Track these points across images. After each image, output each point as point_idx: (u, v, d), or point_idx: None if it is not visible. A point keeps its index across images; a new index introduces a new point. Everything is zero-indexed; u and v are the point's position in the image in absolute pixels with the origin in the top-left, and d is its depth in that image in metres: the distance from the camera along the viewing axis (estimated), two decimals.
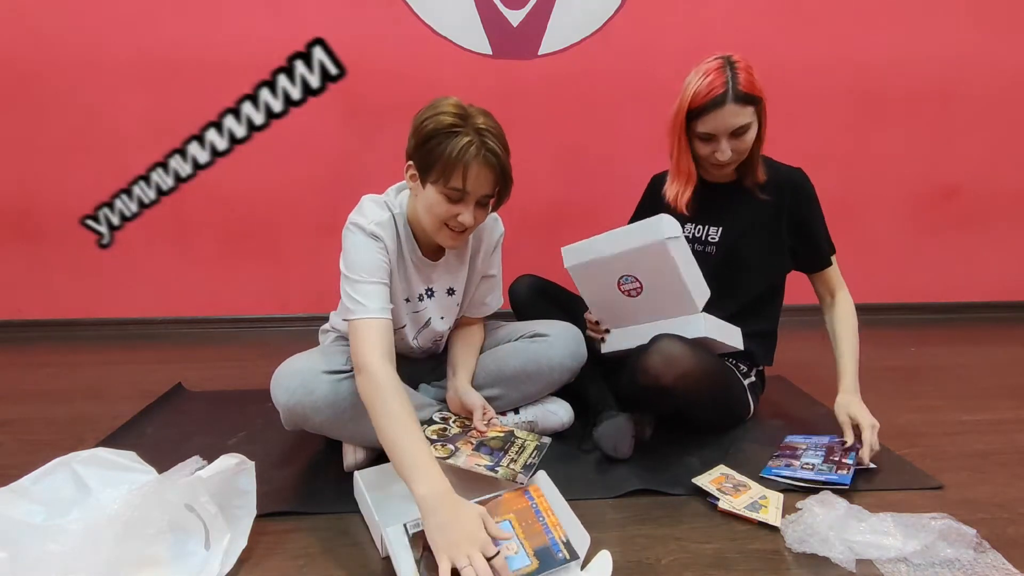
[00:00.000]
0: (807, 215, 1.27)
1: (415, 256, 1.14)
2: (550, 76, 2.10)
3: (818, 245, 1.29)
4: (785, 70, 2.15)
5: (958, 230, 2.36)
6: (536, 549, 0.85)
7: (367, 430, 1.07)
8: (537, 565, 0.83)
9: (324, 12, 2.00)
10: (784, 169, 1.29)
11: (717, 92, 1.13)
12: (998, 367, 1.80)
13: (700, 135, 1.19)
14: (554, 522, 0.90)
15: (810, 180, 1.28)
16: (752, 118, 1.16)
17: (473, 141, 0.97)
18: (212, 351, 1.99)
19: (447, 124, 0.98)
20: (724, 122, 1.15)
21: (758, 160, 1.24)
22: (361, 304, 1.01)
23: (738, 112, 1.14)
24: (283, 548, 0.92)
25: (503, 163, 1.01)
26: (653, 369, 1.09)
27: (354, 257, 1.05)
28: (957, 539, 0.88)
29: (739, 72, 1.14)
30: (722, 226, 1.29)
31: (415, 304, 1.19)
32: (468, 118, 0.99)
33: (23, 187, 2.05)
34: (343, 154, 2.08)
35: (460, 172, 0.98)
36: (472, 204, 1.02)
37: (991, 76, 2.22)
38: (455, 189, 0.99)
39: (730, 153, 1.18)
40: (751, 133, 1.18)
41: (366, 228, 1.06)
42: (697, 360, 1.10)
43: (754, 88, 1.15)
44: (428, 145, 0.99)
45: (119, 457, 0.96)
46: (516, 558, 0.83)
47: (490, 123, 1.01)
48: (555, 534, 0.88)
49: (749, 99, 1.14)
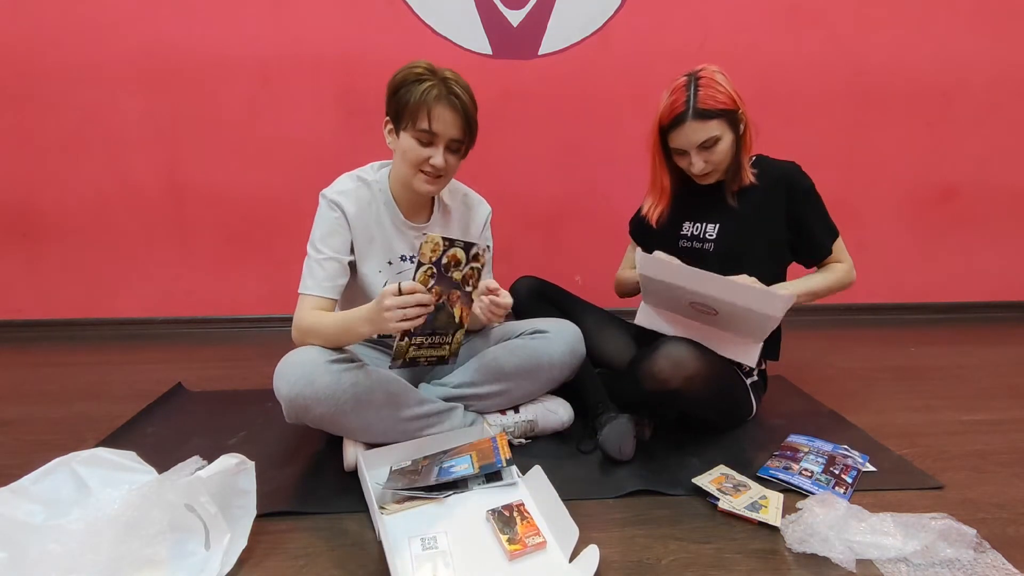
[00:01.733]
0: (802, 209, 1.27)
1: (396, 219, 1.23)
2: (550, 76, 2.10)
3: (815, 238, 1.29)
4: (785, 70, 2.15)
5: (958, 230, 2.36)
6: (482, 465, 1.07)
7: (368, 422, 1.10)
8: (478, 470, 1.06)
9: (324, 12, 2.00)
10: (777, 165, 1.29)
11: (679, 111, 1.18)
12: (998, 367, 1.80)
13: (673, 150, 1.25)
14: (506, 455, 1.08)
15: (803, 172, 1.28)
16: (719, 131, 1.18)
17: (437, 85, 1.08)
18: (212, 351, 1.99)
19: (415, 74, 1.09)
20: (688, 138, 1.19)
21: (742, 166, 1.25)
22: (304, 280, 1.16)
23: (699, 128, 1.17)
24: (283, 548, 0.92)
25: (466, 106, 1.10)
26: (661, 373, 1.10)
27: (313, 232, 1.18)
28: (957, 539, 0.88)
29: (700, 88, 1.17)
30: (719, 223, 1.30)
31: (398, 265, 1.25)
32: (436, 71, 1.11)
33: (23, 187, 2.05)
34: (343, 154, 2.08)
35: (425, 113, 1.08)
36: (442, 147, 1.11)
37: (991, 76, 2.22)
38: (423, 131, 1.09)
39: (702, 165, 1.21)
40: (722, 144, 1.20)
41: (327, 196, 1.18)
42: (704, 362, 1.12)
43: (717, 102, 1.17)
44: (398, 94, 1.10)
45: (119, 457, 0.96)
46: (462, 460, 1.09)
47: (457, 78, 1.11)
48: (502, 455, 1.07)
49: (709, 114, 1.17)
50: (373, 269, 1.22)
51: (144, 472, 0.96)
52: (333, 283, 1.16)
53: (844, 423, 1.37)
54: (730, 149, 1.22)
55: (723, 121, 1.18)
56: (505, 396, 1.25)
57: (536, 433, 1.29)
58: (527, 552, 0.89)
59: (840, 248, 1.31)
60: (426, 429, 1.18)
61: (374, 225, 1.21)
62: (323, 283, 1.15)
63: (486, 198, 1.37)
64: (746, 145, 1.25)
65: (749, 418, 1.35)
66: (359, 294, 1.24)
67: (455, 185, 1.33)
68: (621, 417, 1.20)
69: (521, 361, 1.23)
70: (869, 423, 1.37)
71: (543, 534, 0.92)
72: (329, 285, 1.16)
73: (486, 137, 2.15)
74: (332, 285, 1.16)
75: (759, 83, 2.15)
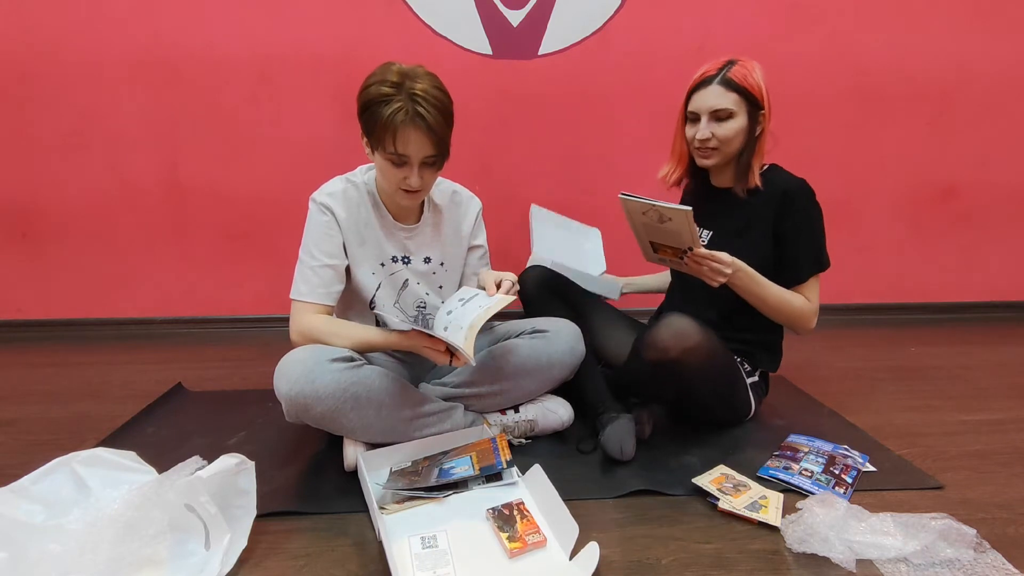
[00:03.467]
0: (789, 227, 1.23)
1: (386, 221, 1.23)
2: (550, 76, 2.10)
3: (794, 260, 1.24)
4: (785, 70, 2.15)
5: (958, 229, 2.36)
6: (483, 467, 1.08)
7: (368, 421, 1.10)
8: (478, 471, 1.07)
9: (324, 11, 2.00)
10: (784, 178, 1.26)
11: (709, 74, 1.22)
12: (998, 367, 1.80)
13: (688, 115, 1.26)
14: (506, 456, 1.09)
15: (809, 193, 1.23)
16: (737, 107, 1.20)
17: (403, 107, 1.02)
18: (212, 351, 1.99)
19: (380, 94, 1.03)
20: (706, 101, 1.21)
21: (750, 166, 1.24)
22: (297, 286, 1.16)
23: (721, 94, 1.19)
24: (283, 548, 0.92)
25: (434, 124, 1.04)
26: (662, 342, 1.12)
27: (304, 238, 1.18)
28: (957, 539, 0.88)
29: (736, 66, 1.20)
30: (713, 230, 1.31)
31: (391, 267, 1.25)
32: (403, 85, 1.03)
33: (23, 187, 2.05)
34: (343, 154, 2.07)
35: (391, 138, 1.04)
36: (416, 166, 1.08)
37: (991, 76, 2.22)
38: (393, 154, 1.07)
39: (708, 134, 1.22)
40: (734, 122, 1.20)
41: (317, 199, 1.18)
42: (704, 336, 1.13)
43: (747, 82, 1.19)
44: (364, 116, 1.07)
45: (119, 457, 0.96)
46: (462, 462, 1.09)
47: (427, 87, 1.04)
48: (502, 456, 1.09)
49: (735, 87, 1.19)
50: (366, 272, 1.22)
51: (144, 472, 0.96)
52: (328, 290, 1.17)
53: (844, 423, 1.37)
54: (740, 135, 1.21)
55: (743, 101, 1.20)
56: (505, 396, 1.25)
57: (536, 433, 1.29)
58: (527, 550, 0.89)
59: (815, 286, 1.25)
60: (426, 429, 1.17)
61: (364, 227, 1.21)
62: (318, 289, 1.16)
63: (485, 197, 1.37)
64: (759, 149, 1.24)
65: (747, 418, 1.35)
66: (354, 297, 1.24)
67: (442, 183, 1.33)
68: (623, 417, 1.20)
69: (521, 361, 1.23)
70: (869, 423, 1.37)
71: (543, 532, 0.92)
72: (324, 292, 1.16)
73: (486, 137, 2.17)
74: (327, 292, 1.17)
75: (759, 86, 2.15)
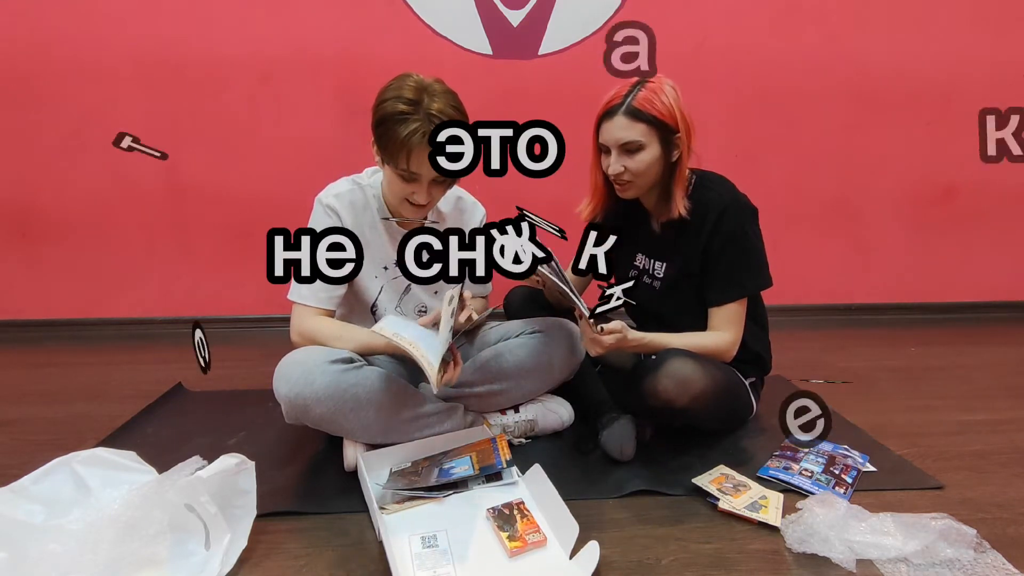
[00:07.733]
0: (716, 247, 1.15)
1: (390, 226, 1.22)
2: (550, 76, 2.10)
3: (710, 283, 1.18)
4: (784, 70, 2.15)
5: (958, 230, 2.35)
6: (483, 467, 1.08)
7: (368, 422, 1.09)
8: (478, 471, 1.06)
9: (324, 12, 2.00)
10: (716, 195, 1.17)
11: (613, 103, 1.13)
12: (998, 367, 1.80)
13: (600, 146, 1.19)
14: (506, 456, 1.09)
15: (744, 210, 1.16)
16: (646, 138, 1.11)
17: (420, 128, 1.00)
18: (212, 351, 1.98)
19: (397, 111, 1.02)
20: (613, 134, 1.13)
21: (671, 196, 1.16)
22: (298, 288, 1.16)
23: (627, 126, 1.11)
24: (283, 548, 0.92)
25: None
26: (665, 393, 1.07)
27: None
28: (957, 539, 0.88)
29: (643, 90, 1.12)
30: (666, 262, 1.26)
31: (393, 270, 1.23)
32: (421, 103, 1.02)
33: (23, 187, 2.05)
34: (343, 154, 2.07)
35: (405, 157, 1.03)
36: (425, 184, 1.07)
37: (990, 76, 2.22)
38: (404, 171, 1.05)
39: (619, 169, 1.14)
40: (645, 155, 1.12)
41: (323, 200, 1.18)
42: (709, 378, 1.09)
43: (653, 108, 1.10)
44: (380, 129, 1.05)
45: (119, 457, 0.96)
46: (462, 462, 1.09)
47: (444, 107, 1.03)
48: (502, 456, 1.09)
49: (640, 116, 1.10)
50: (369, 275, 1.22)
51: (144, 472, 0.96)
52: (330, 294, 1.17)
53: (844, 423, 1.37)
54: (654, 166, 1.14)
55: (652, 130, 1.11)
56: (505, 396, 1.25)
57: (536, 433, 1.29)
58: (527, 549, 0.89)
59: (732, 314, 1.17)
60: (426, 429, 1.17)
61: (368, 230, 1.20)
62: (319, 293, 1.15)
63: (485, 199, 1.37)
64: (679, 175, 1.15)
65: (750, 418, 1.35)
66: (355, 299, 1.24)
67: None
68: (623, 418, 1.20)
69: (521, 361, 1.23)
70: (869, 423, 1.37)
71: (543, 531, 0.92)
72: (325, 296, 1.16)
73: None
74: (328, 296, 1.16)
75: (759, 83, 2.15)
